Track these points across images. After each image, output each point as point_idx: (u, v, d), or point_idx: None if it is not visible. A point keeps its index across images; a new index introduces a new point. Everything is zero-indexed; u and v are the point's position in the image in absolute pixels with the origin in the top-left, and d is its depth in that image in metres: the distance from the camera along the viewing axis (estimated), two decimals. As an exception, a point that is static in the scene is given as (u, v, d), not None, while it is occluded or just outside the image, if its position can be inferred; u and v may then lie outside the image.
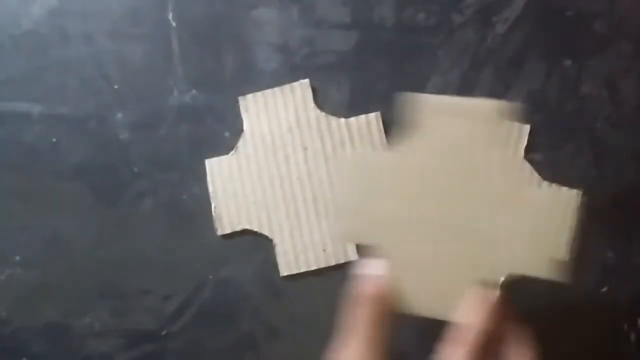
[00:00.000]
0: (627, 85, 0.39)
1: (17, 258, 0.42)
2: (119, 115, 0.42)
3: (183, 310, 0.41)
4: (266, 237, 0.40)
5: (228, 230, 0.41)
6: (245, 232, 0.40)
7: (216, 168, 0.41)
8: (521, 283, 0.38)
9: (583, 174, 0.39)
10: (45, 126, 0.42)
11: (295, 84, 0.41)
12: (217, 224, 0.41)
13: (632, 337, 0.38)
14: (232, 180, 0.41)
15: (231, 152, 0.41)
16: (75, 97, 0.42)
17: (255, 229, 0.40)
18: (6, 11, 0.44)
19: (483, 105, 0.29)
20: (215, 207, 0.41)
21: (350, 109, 0.41)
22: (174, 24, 0.42)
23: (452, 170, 0.29)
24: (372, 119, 0.40)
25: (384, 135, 0.40)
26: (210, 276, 0.41)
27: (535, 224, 0.29)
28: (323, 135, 0.41)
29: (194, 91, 0.42)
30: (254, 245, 0.40)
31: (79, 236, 0.42)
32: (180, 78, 0.42)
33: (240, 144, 0.41)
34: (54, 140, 0.42)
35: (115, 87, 0.42)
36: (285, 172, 0.40)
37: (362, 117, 0.40)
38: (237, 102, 0.41)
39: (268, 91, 0.41)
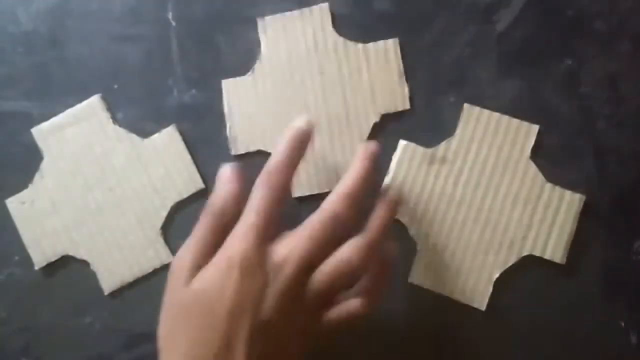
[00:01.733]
0: (628, 85, 0.39)
1: (16, 258, 0.42)
2: (119, 114, 0.42)
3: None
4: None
5: (242, 151, 0.41)
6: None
7: (232, 89, 0.41)
8: (521, 284, 0.38)
9: (583, 173, 0.39)
10: (45, 126, 0.43)
11: (315, 7, 0.41)
12: (231, 145, 0.40)
13: (633, 338, 0.38)
14: (247, 101, 0.41)
15: (248, 74, 0.41)
16: (75, 96, 0.42)
17: (270, 151, 0.40)
18: (6, 10, 0.44)
19: None
20: (230, 128, 0.41)
21: (369, 34, 0.41)
22: (173, 24, 0.42)
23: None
24: (390, 45, 0.40)
25: (400, 62, 0.40)
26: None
27: None
28: (340, 60, 0.40)
29: (193, 91, 0.42)
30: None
31: (79, 236, 0.42)
32: (180, 78, 0.42)
33: (257, 66, 0.41)
34: (54, 140, 0.42)
35: (115, 86, 0.42)
36: (302, 96, 0.40)
37: (380, 42, 0.40)
38: (236, 101, 0.41)
39: (287, 14, 0.41)
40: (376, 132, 0.40)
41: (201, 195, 0.41)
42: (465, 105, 0.39)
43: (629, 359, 0.38)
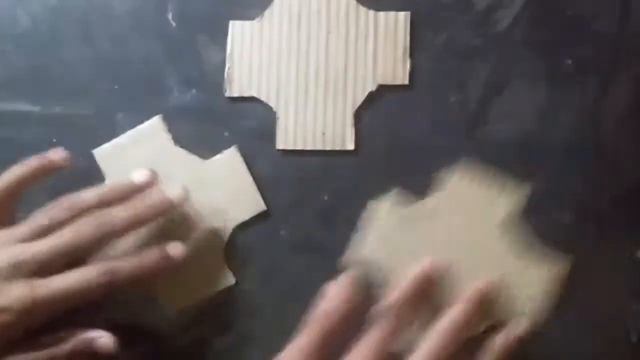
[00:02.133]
0: (628, 85, 0.39)
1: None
2: (120, 115, 0.42)
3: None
4: (270, 109, 0.41)
5: (235, 94, 0.41)
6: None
7: (239, 31, 0.41)
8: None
9: (583, 173, 0.39)
10: (45, 126, 0.43)
11: None
12: (226, 85, 0.41)
13: (633, 337, 0.38)
14: (251, 46, 0.41)
15: (257, 19, 0.41)
16: (75, 97, 0.42)
17: (263, 99, 0.41)
18: (5, 11, 0.44)
19: None
20: (228, 69, 0.41)
21: (381, 3, 0.41)
22: (173, 24, 0.42)
23: None
24: (401, 18, 0.40)
25: (408, 37, 0.40)
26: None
27: None
28: (349, 23, 0.41)
29: (193, 91, 0.42)
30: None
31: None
32: (180, 78, 0.42)
33: (267, 13, 0.41)
34: (54, 140, 0.42)
35: (116, 87, 0.42)
36: (304, 51, 0.41)
37: (392, 13, 0.41)
38: (236, 102, 0.41)
39: None
40: (368, 103, 0.40)
41: (262, 218, 0.40)
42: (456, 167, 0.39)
43: (629, 358, 0.38)
